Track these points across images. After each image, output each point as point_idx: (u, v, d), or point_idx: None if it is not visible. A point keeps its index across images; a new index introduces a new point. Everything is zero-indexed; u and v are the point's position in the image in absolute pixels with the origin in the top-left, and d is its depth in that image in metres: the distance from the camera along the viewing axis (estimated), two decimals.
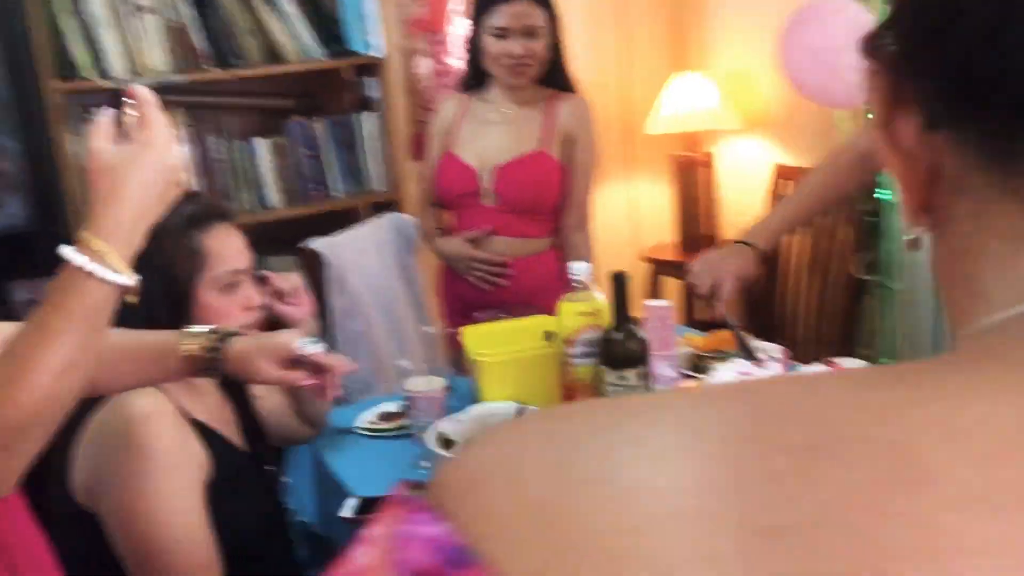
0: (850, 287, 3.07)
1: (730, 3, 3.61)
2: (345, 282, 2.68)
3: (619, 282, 1.53)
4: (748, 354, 1.50)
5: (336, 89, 3.14)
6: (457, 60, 3.58)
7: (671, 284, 3.79)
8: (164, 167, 0.96)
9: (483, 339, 1.81)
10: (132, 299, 0.95)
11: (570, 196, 2.26)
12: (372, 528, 0.26)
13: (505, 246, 2.24)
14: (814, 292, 3.25)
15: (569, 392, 1.60)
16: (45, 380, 0.87)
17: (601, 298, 1.58)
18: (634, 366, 1.50)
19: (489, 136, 2.25)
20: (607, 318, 1.57)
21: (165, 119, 0.98)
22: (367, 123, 3.07)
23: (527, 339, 1.79)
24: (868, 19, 2.64)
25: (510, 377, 1.70)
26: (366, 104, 3.10)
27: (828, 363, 1.39)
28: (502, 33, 2.12)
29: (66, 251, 0.91)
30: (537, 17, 2.13)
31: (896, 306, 2.92)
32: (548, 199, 2.24)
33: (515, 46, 2.12)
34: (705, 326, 2.48)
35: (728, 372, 1.37)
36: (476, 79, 2.30)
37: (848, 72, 2.64)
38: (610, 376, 1.52)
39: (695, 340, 2.05)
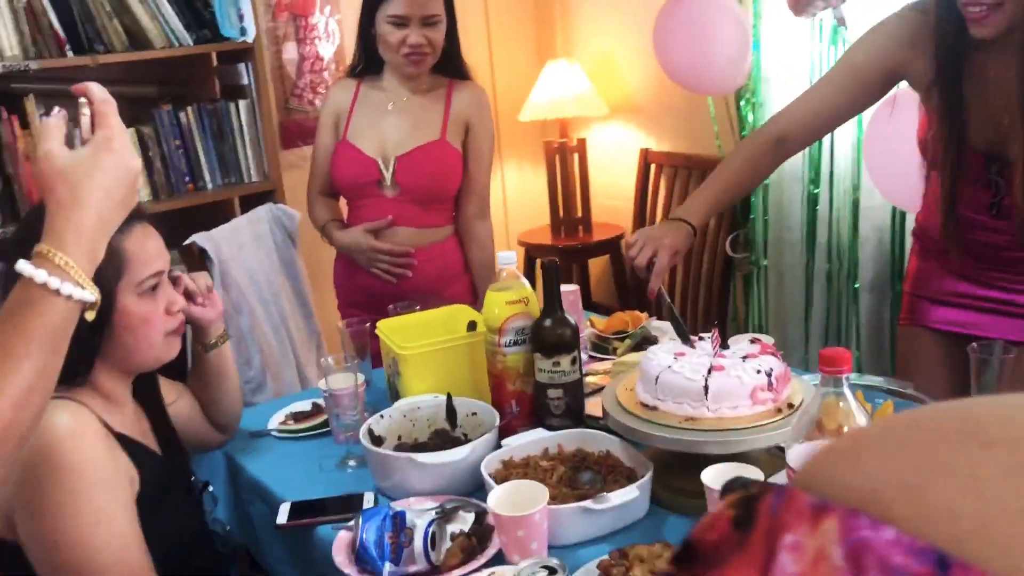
0: (721, 265, 3.21)
1: None
2: (228, 277, 2.57)
3: (551, 270, 1.54)
4: (682, 334, 1.55)
5: (204, 76, 2.99)
6: (327, 45, 3.49)
7: None
8: (125, 170, 0.88)
9: (400, 331, 1.78)
10: (91, 315, 0.87)
11: (470, 185, 2.26)
12: (783, 536, 0.25)
13: (407, 236, 2.20)
14: (685, 271, 3.38)
15: (498, 381, 1.60)
16: (5, 410, 0.79)
17: (528, 285, 1.59)
18: (567, 352, 1.52)
19: (387, 125, 2.20)
20: (535, 306, 1.58)
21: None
22: (238, 111, 2.95)
23: (446, 329, 1.77)
24: (740, 9, 2.76)
25: (433, 369, 1.68)
26: (236, 92, 2.98)
27: (754, 340, 1.45)
28: (401, 21, 2.08)
29: (24, 267, 0.82)
30: (436, 5, 2.10)
31: (766, 283, 3.08)
32: (449, 188, 2.23)
33: (414, 35, 2.08)
34: (605, 310, 2.54)
35: (665, 353, 1.41)
36: (368, 66, 2.24)
37: (721, 60, 2.76)
38: (543, 363, 1.53)
39: (597, 322, 2.10)
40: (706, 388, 1.33)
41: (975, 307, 1.72)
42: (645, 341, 2.01)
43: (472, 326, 1.70)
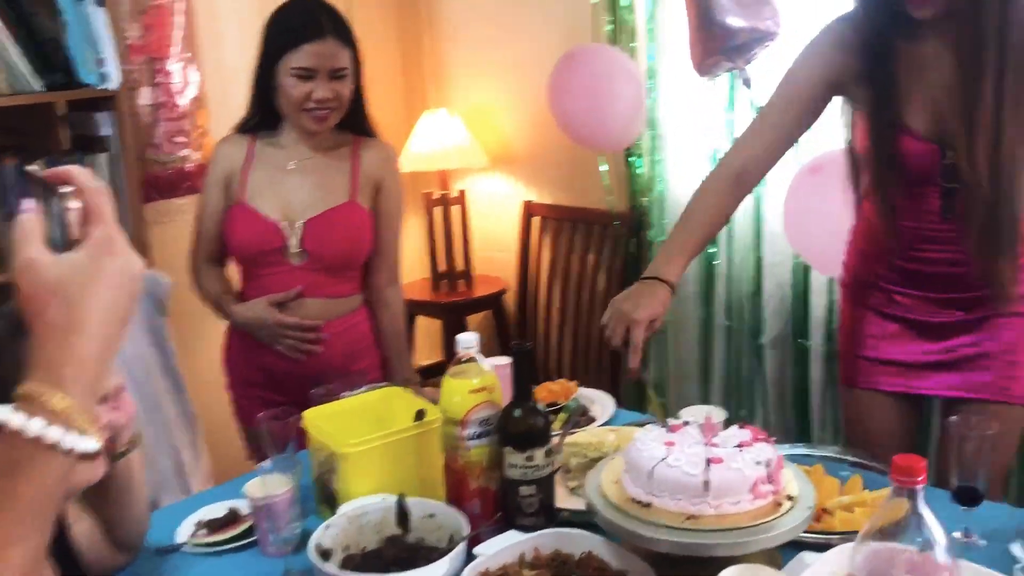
0: None
1: (469, 41, 3.60)
2: None
3: (522, 354, 1.40)
4: (663, 414, 1.44)
5: (53, 126, 2.65)
6: (185, 92, 3.21)
7: (424, 323, 3.69)
8: (130, 278, 0.68)
9: (331, 421, 1.58)
10: (91, 468, 0.66)
11: (381, 249, 2.09)
12: None
13: (316, 308, 2.00)
14: (574, 327, 3.32)
15: (460, 477, 1.44)
16: None
17: (490, 370, 1.44)
18: (542, 444, 1.38)
19: (289, 185, 2.00)
20: (499, 393, 1.43)
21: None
22: (94, 165, 2.63)
23: (385, 418, 1.59)
24: (634, 66, 2.75)
25: (378, 466, 1.49)
26: (91, 143, 2.66)
27: (743, 425, 1.36)
28: (307, 74, 1.89)
29: (8, 416, 0.60)
30: (344, 58, 1.93)
31: (664, 339, 3.06)
32: (361, 253, 2.05)
33: (321, 89, 1.91)
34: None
35: (653, 442, 1.30)
36: (264, 121, 2.04)
37: (616, 116, 2.73)
38: (515, 458, 1.38)
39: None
40: (706, 483, 1.23)
41: (920, 364, 1.71)
42: (580, 415, 1.91)
43: (421, 415, 1.52)
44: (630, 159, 3.00)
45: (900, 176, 1.60)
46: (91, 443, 0.63)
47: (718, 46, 2.42)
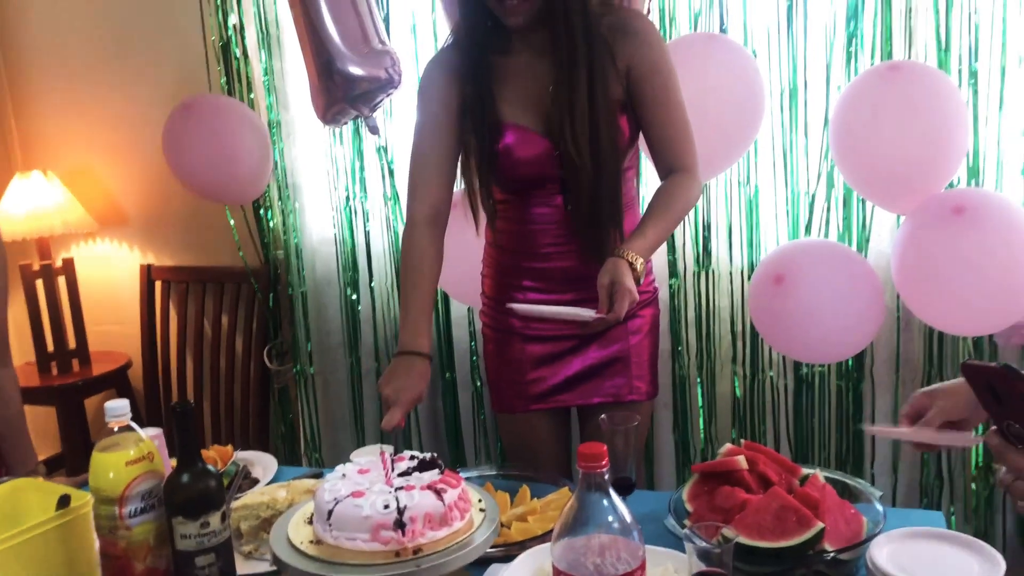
0: (257, 379, 3.05)
1: (62, 98, 3.28)
2: None
3: (184, 414, 1.28)
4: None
5: None
6: None
7: (34, 413, 3.24)
8: None
9: None
10: None
11: None
12: None
13: None
14: (213, 387, 3.14)
15: (122, 563, 1.26)
16: None
17: (146, 437, 1.30)
18: (216, 508, 1.27)
19: None
20: (160, 461, 1.30)
21: None
22: None
23: (19, 516, 1.36)
24: (255, 116, 2.70)
25: (19, 571, 1.27)
26: None
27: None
28: None
29: None
30: None
31: (314, 390, 3.00)
32: None
33: None
34: None
35: (340, 483, 1.24)
36: None
37: (242, 168, 2.66)
38: (187, 528, 1.25)
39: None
40: (330, 513, 1.22)
41: (564, 380, 1.84)
42: (243, 478, 1.80)
43: (65, 501, 1.33)
44: (260, 211, 2.92)
45: (517, 172, 1.72)
46: None
47: (341, 95, 2.46)
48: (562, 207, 1.74)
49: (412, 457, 1.37)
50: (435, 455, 1.37)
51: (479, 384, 2.77)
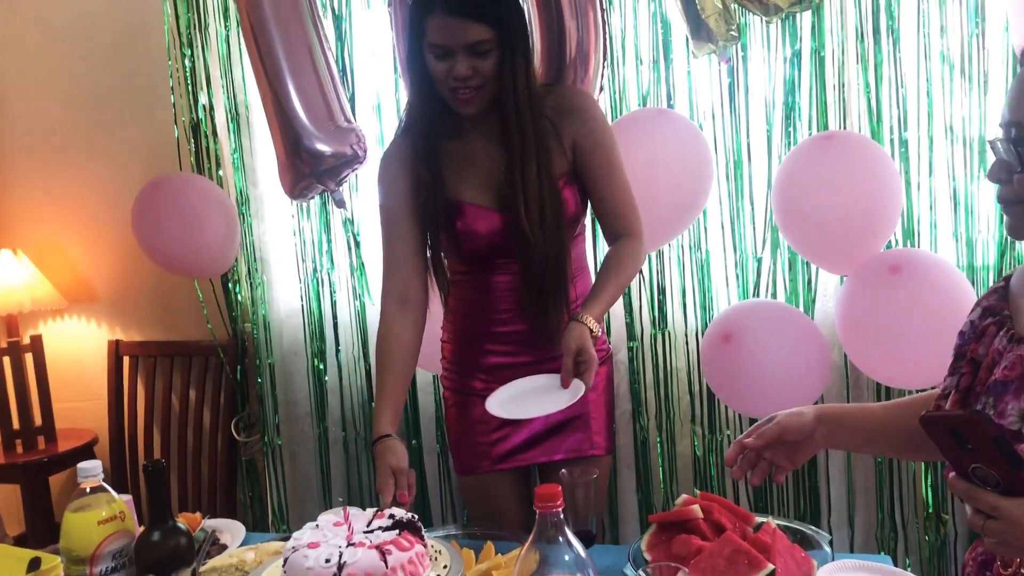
0: (225, 453, 3.06)
1: (32, 177, 3.35)
2: None
3: (156, 473, 1.32)
4: None
5: None
6: None
7: None
8: None
9: None
10: None
11: None
12: None
13: None
14: (180, 461, 3.15)
15: None
16: None
17: (121, 497, 1.34)
18: (186, 566, 1.31)
19: None
20: (132, 520, 1.34)
21: None
22: None
23: None
24: (222, 193, 2.78)
25: None
26: None
27: None
28: None
29: None
30: None
31: (282, 461, 3.01)
32: None
33: None
34: None
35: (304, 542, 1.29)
36: None
37: (210, 243, 2.72)
38: None
39: None
40: (285, 560, 1.26)
41: (525, 440, 1.91)
42: (212, 544, 1.82)
43: (35, 564, 1.36)
44: (228, 285, 2.98)
45: (476, 246, 1.82)
46: None
47: (308, 171, 2.55)
48: (519, 274, 1.83)
49: (391, 516, 1.41)
50: (415, 516, 1.41)
51: (444, 448, 2.82)
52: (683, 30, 2.42)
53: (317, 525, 1.37)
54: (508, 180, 1.76)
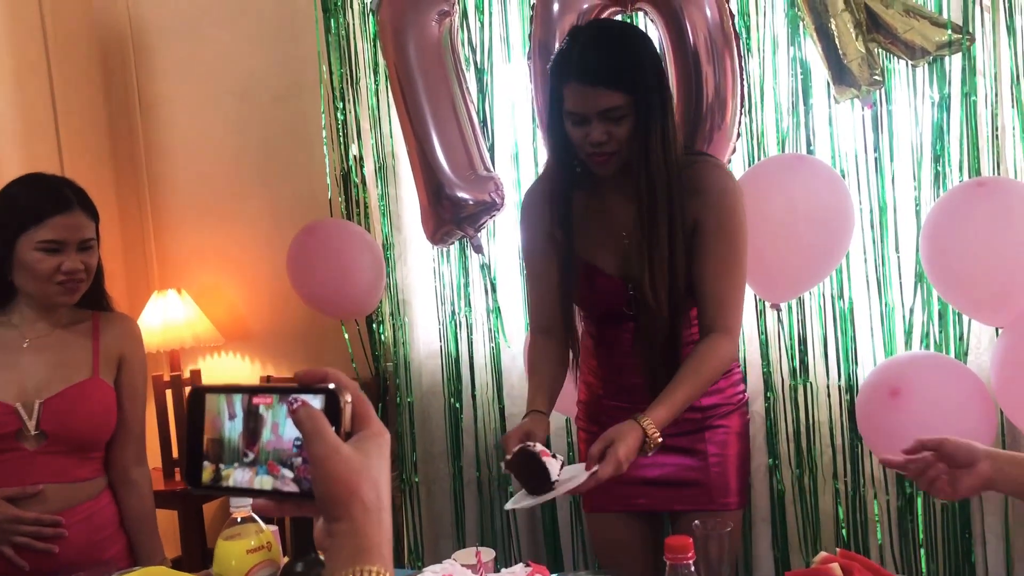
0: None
1: (196, 224, 3.61)
2: None
3: None
4: None
5: None
6: None
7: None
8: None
9: None
10: None
11: (126, 426, 1.99)
12: None
13: (55, 495, 1.84)
14: None
15: None
16: None
17: (266, 527, 1.42)
18: None
19: (24, 365, 1.88)
20: (278, 550, 1.42)
21: None
22: None
23: None
24: (370, 239, 2.91)
25: None
26: None
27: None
28: (55, 247, 1.84)
29: None
30: (91, 229, 1.91)
31: (418, 499, 3.09)
32: (105, 432, 1.94)
33: (70, 260, 1.86)
34: None
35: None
36: None
37: (357, 286, 2.85)
38: None
39: None
40: None
41: (651, 480, 1.89)
42: None
43: None
44: (372, 325, 3.11)
45: (594, 308, 1.86)
46: None
47: (449, 217, 2.65)
48: (631, 344, 1.85)
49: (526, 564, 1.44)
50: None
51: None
52: (824, 75, 2.39)
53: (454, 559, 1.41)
54: (635, 247, 1.77)
